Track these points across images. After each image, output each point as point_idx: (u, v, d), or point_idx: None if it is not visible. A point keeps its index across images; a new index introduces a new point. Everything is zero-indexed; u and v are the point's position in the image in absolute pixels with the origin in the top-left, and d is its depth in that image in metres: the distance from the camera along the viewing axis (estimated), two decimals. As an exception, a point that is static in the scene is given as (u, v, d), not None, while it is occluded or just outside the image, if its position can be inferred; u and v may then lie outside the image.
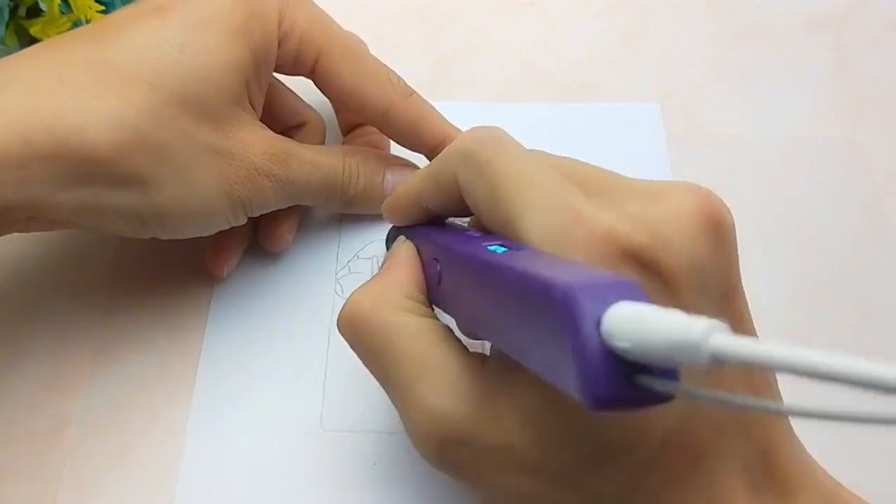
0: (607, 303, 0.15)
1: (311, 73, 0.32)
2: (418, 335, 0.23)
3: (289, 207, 0.32)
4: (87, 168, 0.26)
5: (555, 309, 0.15)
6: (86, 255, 0.35)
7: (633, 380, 0.15)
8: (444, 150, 0.25)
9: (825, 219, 0.35)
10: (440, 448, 0.22)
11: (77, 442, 0.31)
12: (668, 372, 0.15)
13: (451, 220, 0.28)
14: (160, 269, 0.34)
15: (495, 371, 0.21)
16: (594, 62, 0.40)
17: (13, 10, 0.36)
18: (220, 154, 0.28)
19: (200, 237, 0.30)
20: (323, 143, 0.35)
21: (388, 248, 0.33)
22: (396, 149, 0.35)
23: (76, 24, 0.36)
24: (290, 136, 0.33)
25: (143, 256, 0.35)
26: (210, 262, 0.33)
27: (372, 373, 0.24)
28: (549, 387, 0.20)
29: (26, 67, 0.26)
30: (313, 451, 0.30)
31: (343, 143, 0.36)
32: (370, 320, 0.24)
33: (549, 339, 0.16)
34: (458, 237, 0.24)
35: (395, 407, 0.23)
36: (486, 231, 0.23)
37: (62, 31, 0.36)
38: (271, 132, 0.31)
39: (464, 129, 0.34)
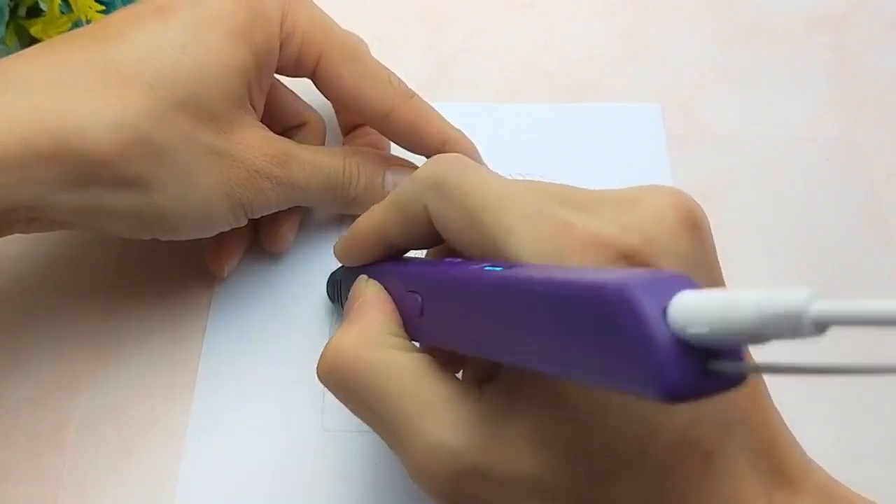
0: (667, 294, 0.15)
1: (312, 75, 0.31)
2: (410, 371, 0.22)
3: (289, 208, 0.32)
4: (87, 169, 0.26)
5: (611, 309, 0.15)
6: (86, 256, 0.35)
7: (704, 367, 0.14)
8: (407, 181, 0.24)
9: (825, 219, 0.35)
10: (452, 485, 0.21)
11: (77, 442, 0.31)
12: (734, 353, 0.15)
13: (407, 255, 0.27)
14: (161, 269, 0.34)
15: (496, 397, 0.21)
16: (594, 62, 0.40)
17: (13, 10, 0.36)
18: (221, 156, 0.28)
19: (201, 238, 0.30)
20: (323, 142, 0.35)
21: (331, 295, 0.32)
22: (397, 149, 0.35)
23: (76, 24, 0.36)
24: (290, 137, 0.33)
25: (143, 257, 0.35)
26: (211, 262, 0.33)
27: (364, 419, 0.23)
28: (555, 406, 0.19)
29: (27, 68, 0.26)
30: (314, 451, 0.30)
31: (343, 143, 0.36)
32: (355, 364, 0.23)
33: (601, 343, 0.15)
34: (440, 266, 0.23)
35: (395, 451, 0.22)
36: (461, 257, 0.23)
37: (62, 31, 0.36)
38: (272, 134, 0.31)
39: (464, 129, 0.34)
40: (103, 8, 0.36)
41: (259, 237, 0.34)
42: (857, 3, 0.42)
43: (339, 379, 0.23)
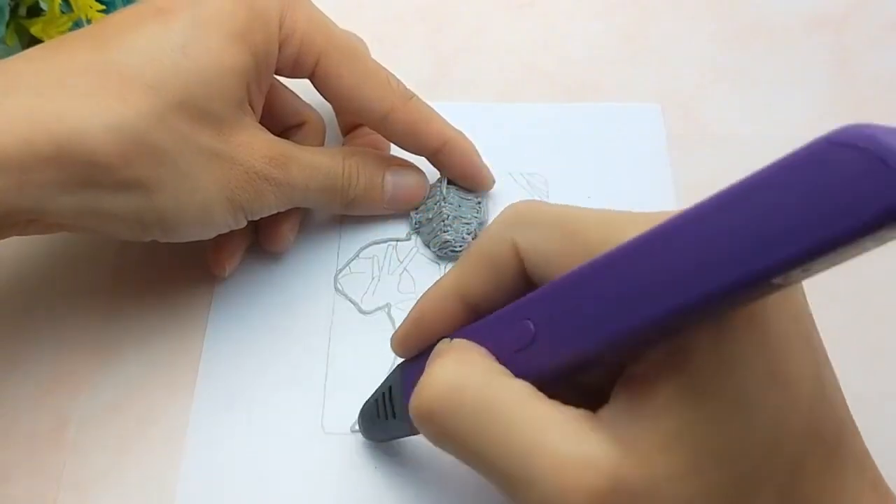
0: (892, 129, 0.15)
1: (311, 76, 0.31)
2: (523, 394, 0.20)
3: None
4: (87, 171, 0.26)
5: (846, 149, 0.15)
6: (87, 256, 0.35)
7: None
8: (485, 231, 0.23)
9: (825, 219, 0.35)
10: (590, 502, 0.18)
11: (77, 442, 0.31)
12: None
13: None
14: (161, 269, 0.34)
15: (617, 413, 0.20)
16: (594, 62, 0.40)
17: (14, 10, 0.36)
18: (221, 158, 0.28)
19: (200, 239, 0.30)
20: (323, 142, 0.35)
21: (367, 427, 0.29)
22: (397, 149, 0.35)
23: (77, 24, 0.36)
24: (289, 136, 0.33)
25: (144, 257, 0.35)
26: (212, 262, 0.33)
27: (472, 454, 0.20)
28: (686, 408, 0.18)
29: (27, 70, 0.26)
30: (314, 454, 0.30)
31: (343, 143, 0.37)
32: (462, 392, 0.20)
33: (833, 197, 0.15)
34: (551, 284, 0.21)
35: (513, 483, 0.20)
36: None
37: (63, 31, 0.36)
38: (271, 135, 0.31)
39: (464, 129, 0.34)
40: (104, 7, 0.36)
41: (259, 237, 0.34)
42: (857, 3, 0.42)
43: (443, 411, 0.21)
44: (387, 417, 0.27)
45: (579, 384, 0.22)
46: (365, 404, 0.29)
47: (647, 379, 0.19)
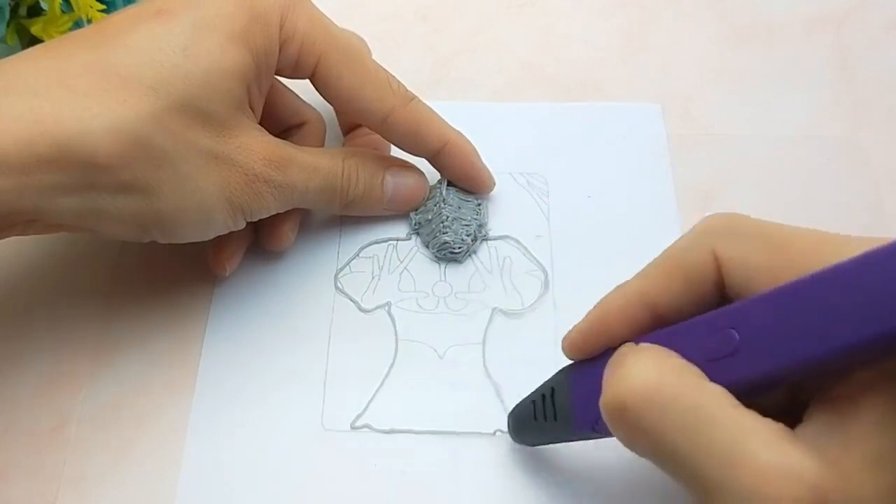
0: None
1: (311, 77, 0.31)
2: (723, 399, 0.20)
3: (289, 208, 0.32)
4: (87, 173, 0.26)
5: None
6: (87, 255, 0.35)
7: None
8: (679, 239, 0.23)
9: (825, 219, 0.35)
10: None
11: (78, 441, 0.31)
12: None
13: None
14: (161, 268, 0.34)
15: (818, 427, 0.20)
16: (594, 62, 0.40)
17: (14, 9, 0.36)
18: (221, 160, 0.28)
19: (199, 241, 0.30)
20: (323, 142, 0.35)
21: (518, 427, 0.28)
22: (396, 150, 0.35)
23: (77, 24, 0.36)
24: (289, 136, 0.33)
25: (144, 256, 0.35)
26: (212, 261, 0.33)
27: (663, 452, 0.20)
28: (891, 428, 0.18)
29: (27, 70, 0.26)
30: (314, 451, 0.30)
31: (343, 143, 0.37)
32: (660, 391, 0.20)
33: None
34: (764, 296, 0.21)
35: (703, 485, 0.19)
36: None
37: (63, 31, 0.36)
38: (271, 137, 0.30)
39: (464, 129, 0.34)
40: (104, 7, 0.36)
41: (259, 237, 0.34)
42: (857, 3, 0.42)
43: (639, 406, 0.20)
44: (545, 419, 0.26)
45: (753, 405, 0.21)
46: (517, 406, 0.28)
47: (853, 398, 0.19)
